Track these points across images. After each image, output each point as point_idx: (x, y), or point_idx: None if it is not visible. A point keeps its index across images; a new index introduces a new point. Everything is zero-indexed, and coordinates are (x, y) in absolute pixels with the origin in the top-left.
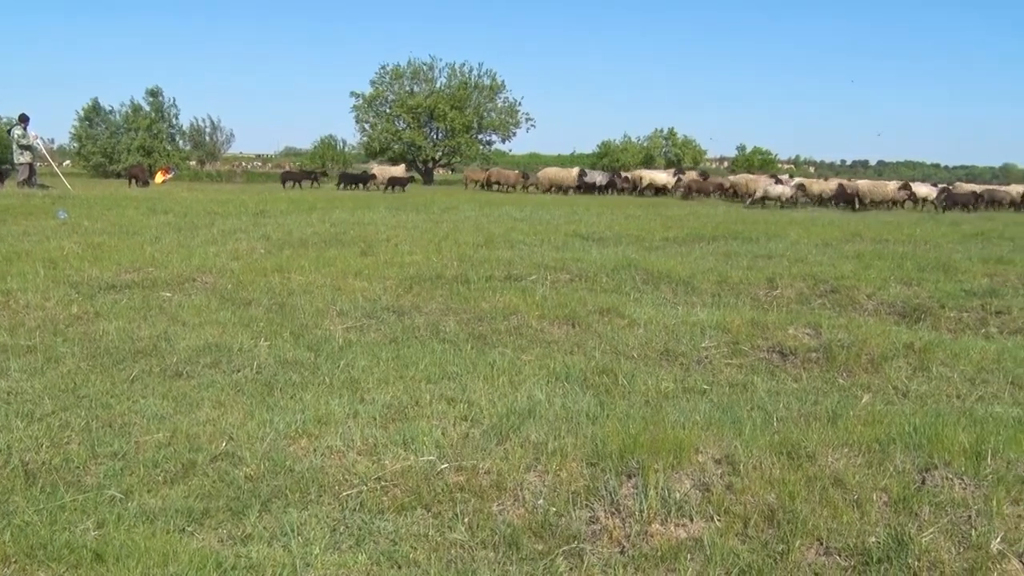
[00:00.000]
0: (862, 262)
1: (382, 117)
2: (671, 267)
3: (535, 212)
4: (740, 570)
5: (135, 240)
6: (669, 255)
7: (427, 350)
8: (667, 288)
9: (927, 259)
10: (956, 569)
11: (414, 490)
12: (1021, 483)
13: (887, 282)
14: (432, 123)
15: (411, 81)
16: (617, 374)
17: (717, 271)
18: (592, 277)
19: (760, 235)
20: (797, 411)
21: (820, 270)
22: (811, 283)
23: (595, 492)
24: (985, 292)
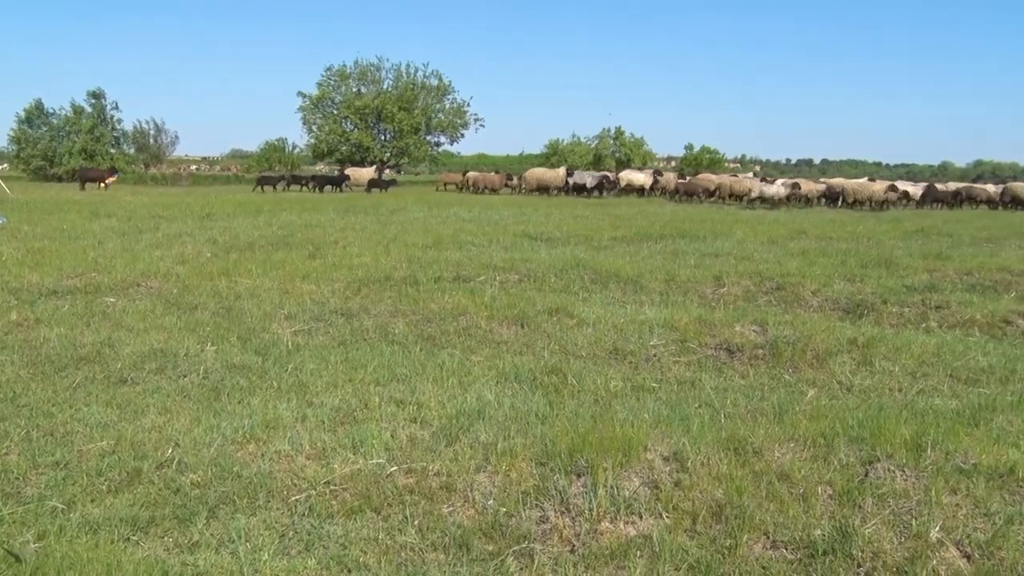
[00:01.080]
0: (807, 259)
1: (329, 118)
2: (619, 266)
3: (484, 213)
4: (689, 566)
5: (77, 245)
6: (617, 254)
7: (376, 352)
8: (615, 287)
9: (870, 256)
10: (897, 558)
11: (363, 493)
12: (959, 473)
13: (831, 279)
14: (380, 124)
15: (358, 82)
16: (566, 373)
17: (665, 270)
18: (541, 277)
19: (707, 233)
20: (744, 407)
21: (766, 268)
22: (757, 280)
23: (545, 492)
24: (925, 287)
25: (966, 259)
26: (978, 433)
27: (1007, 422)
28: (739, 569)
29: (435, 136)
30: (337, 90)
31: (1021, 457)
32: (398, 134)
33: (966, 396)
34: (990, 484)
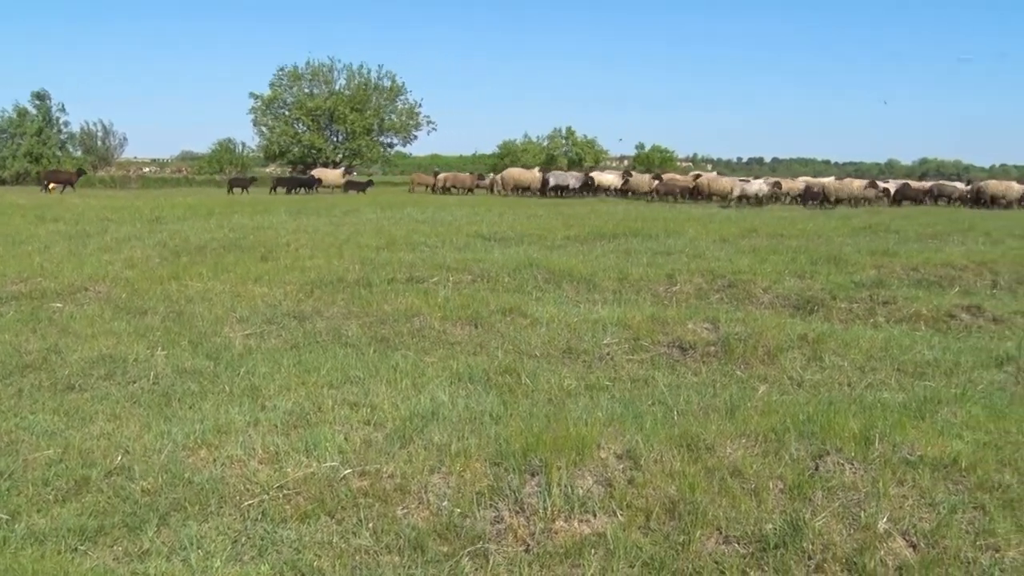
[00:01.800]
0: (758, 257)
1: (280, 119)
2: (572, 266)
3: (437, 213)
4: (643, 563)
5: (22, 249)
6: (570, 254)
7: (329, 355)
8: (569, 286)
9: (819, 253)
10: (847, 550)
11: (317, 497)
12: (906, 465)
13: (782, 276)
14: (332, 125)
15: (310, 83)
16: (520, 373)
17: (618, 268)
18: (494, 277)
19: (659, 232)
20: (697, 404)
21: (718, 265)
22: (709, 278)
23: (499, 492)
24: (873, 283)
25: (912, 255)
26: (924, 425)
27: (951, 414)
28: (692, 565)
29: (388, 137)
30: (289, 91)
31: (964, 448)
32: (350, 135)
33: (912, 389)
34: (935, 475)
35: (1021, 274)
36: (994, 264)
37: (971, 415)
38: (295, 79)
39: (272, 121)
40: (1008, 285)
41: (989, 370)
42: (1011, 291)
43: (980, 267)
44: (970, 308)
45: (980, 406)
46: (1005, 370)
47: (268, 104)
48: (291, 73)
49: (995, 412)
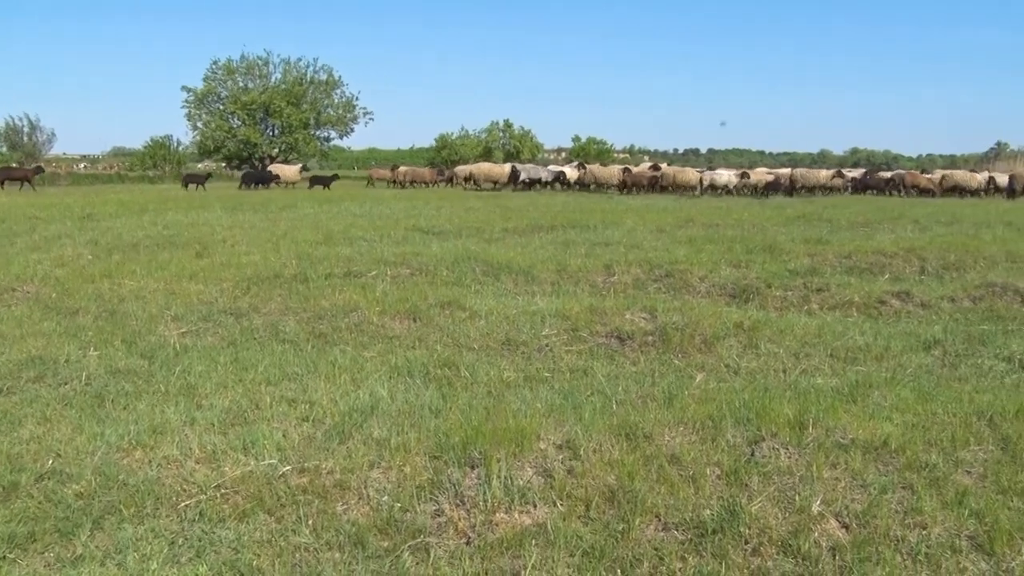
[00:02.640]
0: (694, 246)
1: (215, 114)
2: (511, 258)
3: (375, 208)
4: (583, 552)
5: None
6: (509, 246)
7: (267, 352)
8: (507, 279)
9: (754, 242)
10: (782, 533)
11: (256, 495)
12: (838, 448)
13: (718, 265)
14: (268, 120)
15: (245, 77)
16: (459, 366)
17: (556, 260)
18: (433, 271)
19: (597, 223)
20: (635, 393)
21: (655, 255)
22: (647, 268)
23: (439, 485)
24: (807, 271)
25: (844, 243)
26: (855, 409)
27: (882, 397)
28: (632, 552)
29: (324, 131)
30: (223, 85)
31: (894, 430)
32: (286, 129)
33: (845, 374)
34: (866, 457)
35: (947, 260)
36: (922, 251)
37: (900, 398)
38: (229, 73)
39: (206, 116)
40: (935, 271)
41: (917, 354)
42: (938, 276)
43: (909, 254)
44: (899, 294)
45: (909, 389)
46: (932, 353)
47: (202, 98)
48: (225, 67)
49: (923, 395)
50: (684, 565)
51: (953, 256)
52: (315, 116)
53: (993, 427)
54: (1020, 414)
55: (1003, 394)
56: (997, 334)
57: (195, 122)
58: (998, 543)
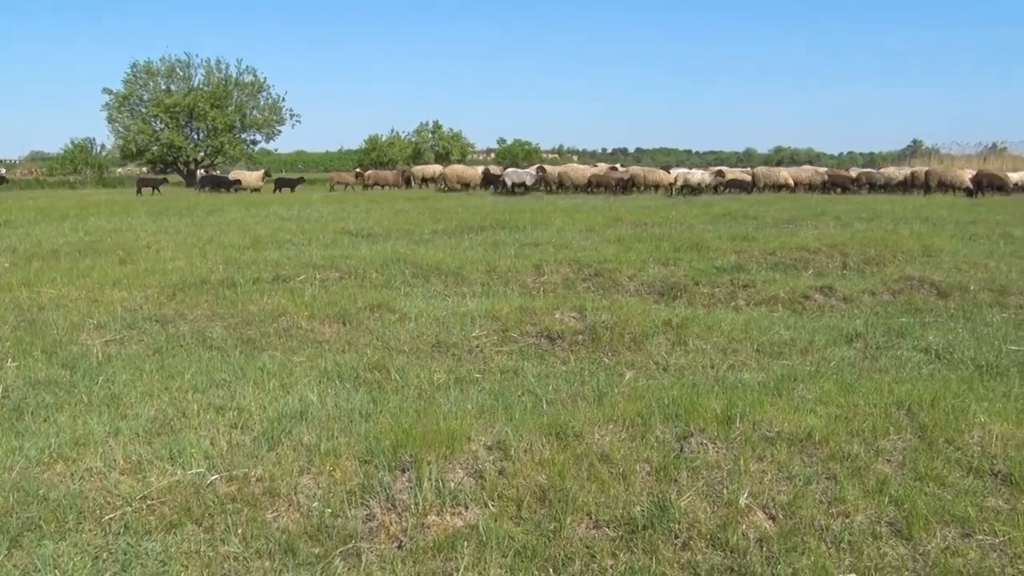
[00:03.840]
0: (623, 245)
1: (137, 117)
2: (440, 259)
3: (303, 211)
4: (515, 552)
5: None
6: (438, 247)
7: (193, 359)
8: (437, 280)
9: (682, 240)
10: (711, 526)
11: (183, 506)
12: (765, 441)
13: (646, 263)
14: (192, 123)
15: (167, 79)
16: (390, 369)
17: (486, 261)
18: (362, 273)
19: (527, 223)
20: (566, 392)
21: (584, 255)
22: (576, 268)
23: (370, 489)
24: (733, 268)
25: (769, 240)
26: (781, 402)
27: (806, 390)
28: (564, 551)
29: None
30: (145, 88)
31: (818, 422)
32: (211, 132)
33: (771, 368)
34: (791, 449)
35: (868, 255)
36: (844, 246)
37: (824, 391)
38: (150, 75)
39: (128, 119)
40: (856, 265)
41: (840, 347)
42: (859, 271)
43: (831, 249)
44: (823, 289)
45: (832, 382)
46: (854, 346)
47: (123, 101)
48: (146, 69)
49: (845, 387)
50: (615, 562)
51: (873, 251)
52: (241, 119)
53: (911, 416)
54: (936, 403)
55: (920, 384)
56: (915, 326)
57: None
58: (916, 528)
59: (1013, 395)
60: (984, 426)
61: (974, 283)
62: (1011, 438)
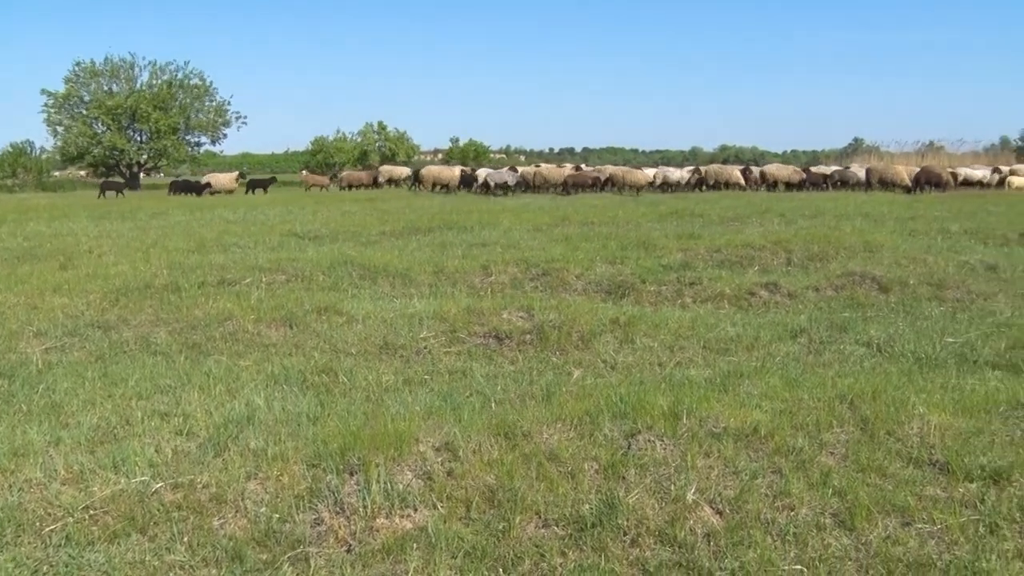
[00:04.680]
0: (571, 245)
1: (78, 119)
2: (388, 261)
3: (249, 213)
4: (465, 553)
5: None
6: (386, 249)
7: (137, 365)
8: (385, 282)
9: (629, 238)
10: (659, 522)
11: (127, 515)
12: (711, 437)
13: (594, 262)
14: (135, 125)
15: (109, 80)
16: (337, 372)
17: (433, 262)
18: (309, 276)
19: (475, 224)
20: (514, 392)
21: (532, 255)
22: (523, 267)
23: (318, 493)
24: (680, 266)
25: (715, 237)
26: (727, 398)
27: (752, 386)
28: (513, 551)
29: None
30: (86, 88)
31: (763, 417)
32: (154, 135)
33: (717, 365)
34: (737, 444)
35: (812, 251)
36: (788, 243)
37: (769, 386)
38: (92, 75)
39: (68, 120)
40: (801, 262)
41: (785, 342)
42: (803, 267)
43: (776, 246)
44: (768, 285)
45: (777, 377)
46: (799, 341)
47: (63, 102)
48: (88, 69)
49: (790, 381)
50: (565, 560)
51: (817, 247)
52: (185, 121)
53: (854, 409)
54: (877, 396)
55: (863, 377)
56: (857, 320)
57: (55, 127)
58: (858, 518)
59: (950, 386)
60: (923, 417)
61: (913, 277)
62: (948, 428)
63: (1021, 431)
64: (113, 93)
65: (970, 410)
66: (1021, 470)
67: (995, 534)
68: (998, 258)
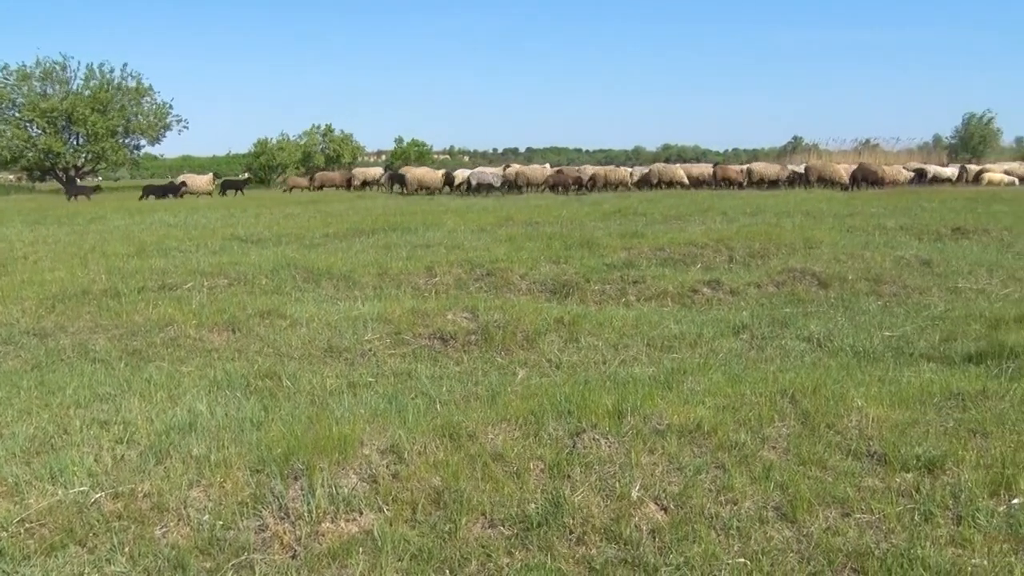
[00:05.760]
0: (515, 245)
1: (11, 123)
2: (331, 263)
3: (190, 217)
4: (411, 555)
5: None
6: (330, 251)
7: (76, 373)
8: (328, 284)
9: (573, 238)
10: (604, 520)
11: (65, 527)
12: (655, 434)
13: (538, 262)
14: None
15: (42, 83)
16: (281, 376)
17: (377, 263)
18: (251, 280)
19: (419, 225)
20: (459, 393)
21: (476, 255)
22: (468, 268)
23: (262, 499)
24: (624, 264)
25: (658, 236)
26: (671, 395)
27: (695, 382)
28: (460, 552)
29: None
30: (18, 91)
31: (707, 413)
32: (92, 138)
33: (661, 362)
34: (681, 441)
35: (753, 248)
36: (730, 240)
37: (712, 382)
38: (23, 78)
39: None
40: (742, 259)
41: (728, 339)
42: (745, 265)
43: (718, 244)
44: (710, 283)
45: (720, 373)
46: (741, 337)
47: None
48: (18, 72)
49: (733, 377)
50: (511, 560)
51: (758, 245)
52: (124, 124)
53: (795, 403)
54: (818, 390)
55: (803, 372)
56: (798, 316)
57: None
58: (800, 511)
59: (887, 379)
60: (861, 410)
61: (852, 273)
62: (885, 420)
63: (954, 421)
64: (47, 96)
65: (906, 402)
66: (954, 459)
67: (929, 522)
68: (932, 253)
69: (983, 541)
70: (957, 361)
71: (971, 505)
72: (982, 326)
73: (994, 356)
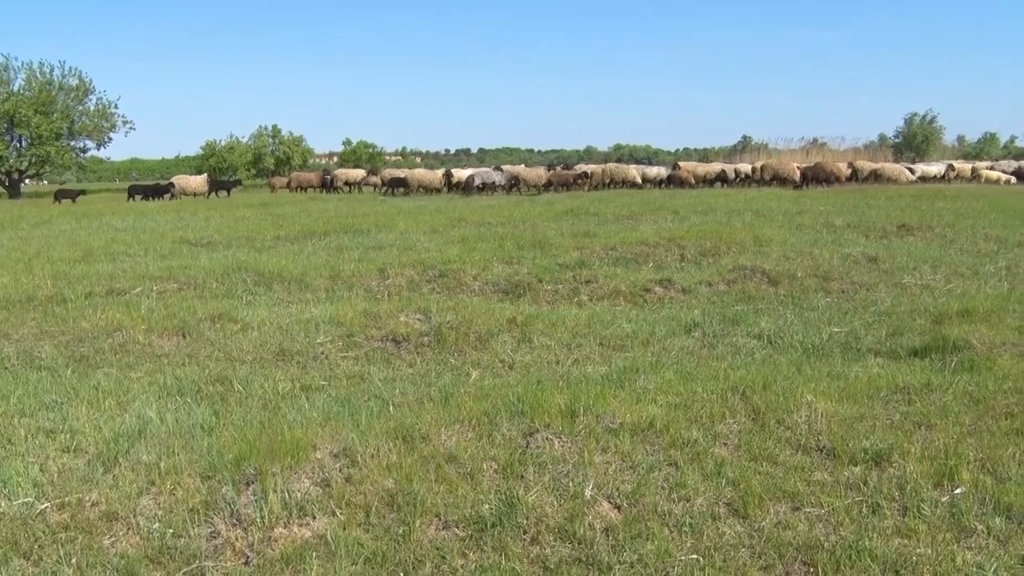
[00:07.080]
0: (467, 245)
1: None
2: (283, 266)
3: (139, 221)
4: (365, 559)
5: None
6: (281, 254)
7: (20, 381)
8: (280, 288)
9: (525, 238)
10: (558, 519)
11: (9, 539)
12: (608, 433)
13: (490, 263)
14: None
15: None
16: (232, 381)
17: (329, 266)
18: (201, 284)
19: (371, 227)
20: (412, 395)
21: (428, 256)
22: (420, 269)
23: (214, 506)
24: (576, 264)
25: (611, 235)
26: (623, 394)
27: (647, 381)
28: (414, 554)
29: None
30: None
31: (659, 411)
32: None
33: (614, 361)
34: (634, 439)
35: (704, 247)
36: (681, 239)
37: (664, 380)
38: None
39: None
40: (694, 258)
41: (680, 337)
42: (696, 263)
43: (670, 243)
44: (662, 282)
45: (672, 371)
46: (693, 336)
47: None
48: None
49: (685, 375)
50: (465, 561)
51: (709, 243)
52: (68, 125)
53: (746, 400)
54: (768, 386)
55: (754, 369)
56: (748, 313)
57: None
58: (751, 506)
59: (836, 374)
60: (811, 405)
61: (801, 270)
62: (834, 415)
63: (900, 414)
64: None
65: (854, 396)
66: (900, 451)
67: (876, 513)
68: (878, 250)
69: (927, 531)
70: (903, 356)
71: (916, 496)
72: (927, 321)
73: (938, 350)
